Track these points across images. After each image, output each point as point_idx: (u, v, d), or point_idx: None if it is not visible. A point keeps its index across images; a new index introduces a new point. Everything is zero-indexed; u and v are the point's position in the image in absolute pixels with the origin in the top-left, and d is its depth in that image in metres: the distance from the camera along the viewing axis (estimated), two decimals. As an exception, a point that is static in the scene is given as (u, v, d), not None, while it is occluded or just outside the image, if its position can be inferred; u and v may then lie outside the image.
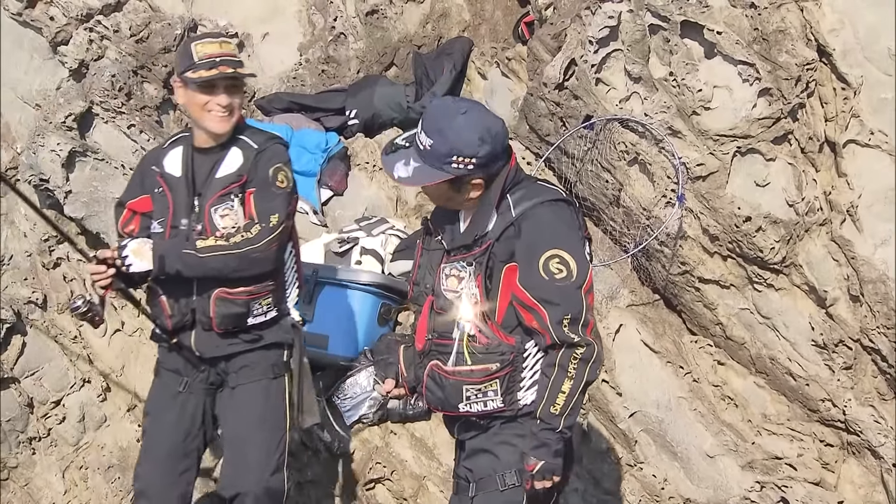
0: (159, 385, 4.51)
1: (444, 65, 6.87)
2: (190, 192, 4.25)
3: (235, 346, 4.34)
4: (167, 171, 4.30)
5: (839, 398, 5.23)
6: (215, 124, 4.21)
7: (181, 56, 4.23)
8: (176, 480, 4.40)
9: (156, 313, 4.34)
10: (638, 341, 5.59)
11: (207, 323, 4.27)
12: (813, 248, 5.24)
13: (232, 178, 4.24)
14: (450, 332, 3.54)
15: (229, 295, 4.23)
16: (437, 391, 3.59)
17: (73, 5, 6.22)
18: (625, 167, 5.52)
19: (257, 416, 4.38)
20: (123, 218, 4.40)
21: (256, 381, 4.38)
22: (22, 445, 5.89)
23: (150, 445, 4.46)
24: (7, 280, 6.14)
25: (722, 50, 5.18)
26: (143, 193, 4.36)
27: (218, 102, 4.17)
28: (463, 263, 3.52)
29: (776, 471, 5.33)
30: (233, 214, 4.23)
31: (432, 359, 3.59)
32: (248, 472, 4.33)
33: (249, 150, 4.27)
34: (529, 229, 3.44)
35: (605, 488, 5.51)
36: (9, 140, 6.54)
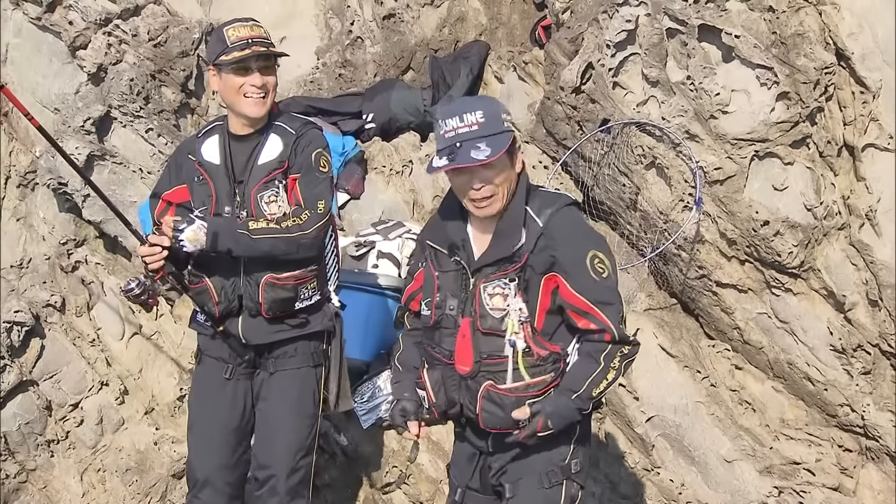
0: (203, 374, 4.54)
1: (461, 68, 6.87)
2: (231, 180, 4.29)
3: (282, 333, 4.39)
4: (206, 159, 4.32)
5: (858, 403, 5.21)
6: (251, 108, 4.23)
7: (214, 43, 4.26)
8: (235, 463, 4.51)
9: (202, 300, 4.33)
10: (655, 345, 5.57)
11: (256, 309, 4.31)
12: (831, 252, 5.22)
13: (274, 164, 4.28)
14: (500, 351, 3.51)
15: (278, 280, 4.28)
16: (496, 411, 3.54)
17: (92, 10, 6.25)
18: (642, 171, 5.51)
19: (293, 402, 4.47)
20: (159, 209, 4.42)
21: (296, 368, 4.46)
22: (40, 448, 5.92)
23: (203, 434, 4.49)
24: (26, 283, 6.18)
25: (740, 53, 5.17)
26: (180, 183, 4.37)
27: (252, 83, 4.20)
28: (505, 280, 3.49)
29: (794, 476, 5.31)
30: (279, 200, 4.27)
31: (483, 380, 3.53)
32: (280, 454, 4.43)
33: (288, 136, 4.31)
34: (563, 236, 3.46)
35: (622, 493, 5.50)
36: (28, 144, 6.57)
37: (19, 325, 5.90)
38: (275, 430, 4.46)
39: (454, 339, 3.56)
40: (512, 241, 3.47)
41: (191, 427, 4.56)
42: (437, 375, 3.63)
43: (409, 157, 6.63)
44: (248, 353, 4.42)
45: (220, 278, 4.28)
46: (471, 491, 3.81)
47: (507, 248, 3.47)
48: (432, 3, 7.24)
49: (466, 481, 3.80)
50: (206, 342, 4.50)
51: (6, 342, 5.82)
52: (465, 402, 3.59)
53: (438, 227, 3.63)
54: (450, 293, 3.56)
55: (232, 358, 4.45)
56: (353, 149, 6.62)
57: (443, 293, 3.57)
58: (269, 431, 4.48)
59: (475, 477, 3.78)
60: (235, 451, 4.51)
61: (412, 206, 6.48)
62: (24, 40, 6.54)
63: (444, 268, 3.59)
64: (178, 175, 4.39)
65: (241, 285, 4.29)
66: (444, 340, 3.59)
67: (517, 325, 3.49)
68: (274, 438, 4.46)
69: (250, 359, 4.45)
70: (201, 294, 4.32)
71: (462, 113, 3.38)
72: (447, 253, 3.58)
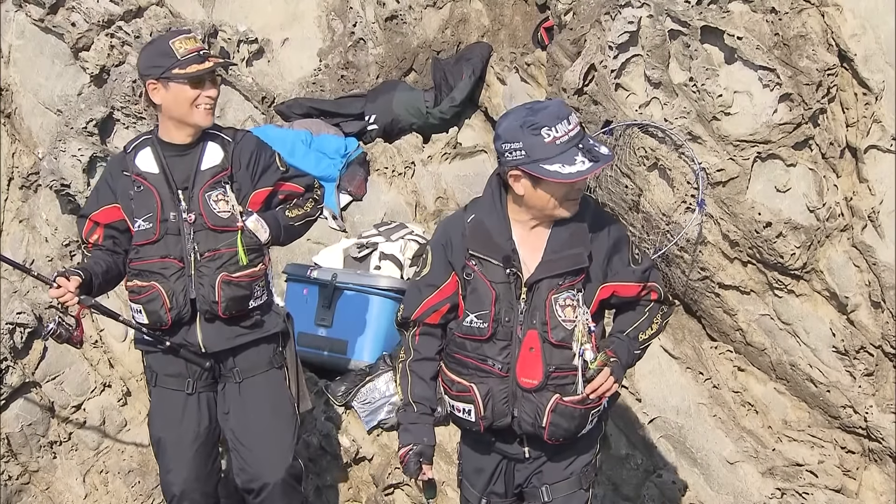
0: (162, 395, 4.52)
1: (464, 70, 6.88)
2: (172, 187, 4.32)
3: (242, 338, 4.42)
4: (143, 170, 4.34)
5: (860, 405, 5.20)
6: (203, 118, 4.31)
7: (159, 56, 4.24)
8: (208, 474, 4.55)
9: (152, 308, 4.31)
10: (657, 347, 5.57)
11: (211, 311, 4.32)
12: (834, 253, 5.21)
13: (218, 168, 4.35)
14: (568, 363, 3.50)
15: (233, 278, 4.31)
16: (565, 423, 3.53)
17: (95, 11, 6.27)
18: (644, 172, 5.51)
19: (269, 406, 4.50)
20: (86, 228, 4.43)
21: (262, 372, 4.50)
22: (43, 449, 5.92)
23: (174, 451, 4.49)
24: (28, 285, 6.18)
25: (742, 55, 5.17)
26: (108, 203, 4.38)
27: (208, 95, 4.28)
28: (573, 291, 3.49)
29: (797, 478, 5.31)
30: (226, 198, 4.33)
31: (550, 392, 3.51)
32: (271, 462, 4.45)
33: (226, 143, 4.39)
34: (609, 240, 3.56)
35: (625, 494, 5.50)
36: (30, 145, 6.58)
37: (22, 327, 5.90)
38: (259, 437, 4.46)
39: (509, 351, 3.51)
40: (582, 251, 3.48)
41: (158, 445, 4.55)
42: (485, 389, 3.55)
43: (412, 158, 6.64)
44: (207, 362, 4.41)
45: (169, 283, 4.29)
46: (494, 497, 3.79)
47: (579, 257, 3.48)
48: (434, 5, 7.25)
49: (490, 488, 3.78)
50: (159, 361, 4.48)
51: (9, 344, 5.83)
52: (522, 415, 3.54)
53: (481, 236, 3.54)
54: (506, 306, 3.50)
55: (191, 372, 4.44)
56: (356, 150, 6.64)
57: (500, 306, 3.50)
58: (253, 440, 4.47)
59: (499, 482, 3.76)
60: (207, 463, 4.54)
61: (414, 207, 6.49)
62: (27, 42, 6.56)
63: (496, 279, 3.51)
64: (107, 195, 4.39)
65: (192, 288, 4.30)
66: (500, 354, 3.52)
67: (587, 335, 3.50)
68: (261, 446, 4.46)
69: (210, 369, 4.44)
70: (151, 301, 4.30)
71: (567, 115, 3.36)
72: (501, 264, 3.50)
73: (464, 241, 3.56)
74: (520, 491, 3.79)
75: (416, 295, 3.67)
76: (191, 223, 4.28)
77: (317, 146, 6.51)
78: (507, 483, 3.76)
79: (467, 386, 3.58)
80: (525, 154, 3.33)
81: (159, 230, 4.29)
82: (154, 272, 4.29)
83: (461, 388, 3.60)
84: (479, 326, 3.53)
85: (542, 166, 3.32)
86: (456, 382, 3.62)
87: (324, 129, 6.72)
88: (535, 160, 3.32)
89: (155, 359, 4.49)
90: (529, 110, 3.40)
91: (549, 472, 3.69)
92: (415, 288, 3.70)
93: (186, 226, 4.28)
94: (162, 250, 4.29)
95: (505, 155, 3.40)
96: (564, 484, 3.68)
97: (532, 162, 3.33)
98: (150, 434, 4.61)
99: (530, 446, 3.66)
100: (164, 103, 4.28)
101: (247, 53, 6.69)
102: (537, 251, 3.51)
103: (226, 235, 4.32)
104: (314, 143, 6.52)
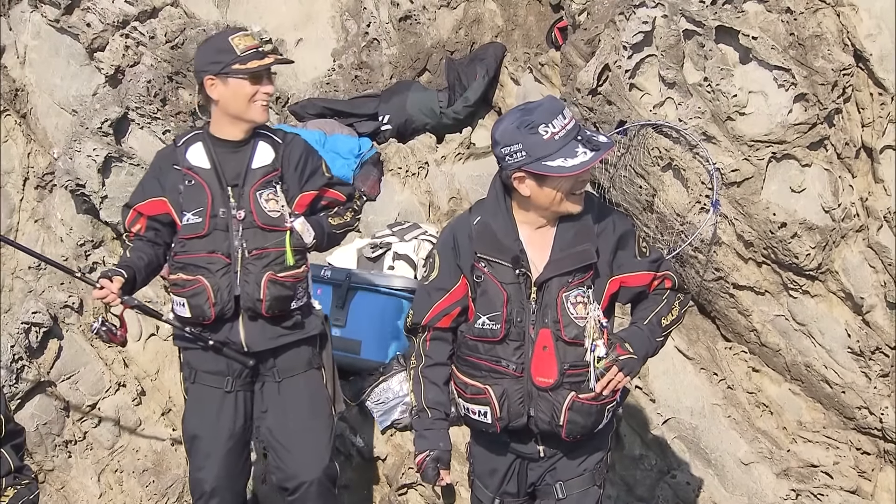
0: (199, 391, 4.54)
1: (477, 70, 6.88)
2: (222, 183, 4.35)
3: (284, 338, 4.46)
4: (195, 165, 4.38)
5: (876, 406, 5.18)
6: (261, 114, 4.36)
7: (219, 52, 4.30)
8: (239, 473, 4.60)
9: (196, 302, 4.34)
10: (672, 347, 5.56)
11: (255, 309, 4.35)
12: (849, 254, 5.20)
13: (268, 168, 4.39)
14: (581, 360, 3.51)
15: (279, 278, 4.35)
16: (582, 420, 3.54)
17: (110, 12, 6.29)
18: (658, 173, 5.50)
19: (308, 407, 4.55)
20: (129, 218, 4.48)
21: (301, 373, 4.55)
22: (58, 449, 5.95)
23: (208, 448, 4.51)
24: (44, 284, 6.21)
25: (757, 55, 5.15)
26: (156, 196, 4.41)
27: (265, 92, 4.33)
28: (583, 288, 3.50)
29: (812, 479, 5.29)
30: (276, 198, 4.38)
31: (566, 390, 3.52)
32: (310, 461, 4.51)
33: (276, 144, 4.44)
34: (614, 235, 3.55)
35: (639, 495, 5.49)
36: (46, 145, 6.61)
37: (37, 327, 5.93)
38: (297, 437, 4.51)
39: (522, 351, 3.52)
40: (588, 246, 3.49)
41: (192, 442, 4.56)
42: (500, 390, 3.56)
43: (426, 158, 6.64)
44: (251, 360, 4.44)
45: (215, 277, 4.32)
46: (507, 497, 3.80)
47: (587, 253, 3.49)
48: (448, 5, 7.25)
49: (503, 488, 3.78)
50: (198, 357, 4.50)
51: (24, 343, 5.85)
52: (539, 414, 3.55)
53: (488, 238, 3.54)
54: (517, 306, 3.50)
55: (231, 370, 4.47)
56: (369, 150, 6.64)
57: (512, 306, 3.50)
58: (291, 439, 4.52)
59: (512, 482, 3.77)
60: (239, 462, 4.58)
61: (428, 207, 6.49)
62: (43, 42, 6.59)
63: (505, 280, 3.51)
64: (155, 188, 4.43)
65: (237, 285, 4.33)
66: (513, 354, 3.53)
67: (598, 331, 3.52)
68: (299, 446, 4.51)
69: (251, 368, 4.47)
70: (196, 295, 4.33)
71: (561, 110, 3.38)
72: (510, 265, 3.51)
73: (471, 243, 3.56)
74: (532, 490, 3.81)
75: (426, 299, 3.67)
76: (240, 220, 4.32)
77: (330, 146, 6.51)
78: (521, 482, 3.77)
79: (482, 388, 3.58)
80: (526, 154, 3.35)
81: (208, 225, 4.32)
82: (200, 266, 4.32)
83: (476, 391, 3.60)
84: (491, 328, 3.53)
85: (544, 163, 3.34)
86: (470, 385, 3.62)
87: (337, 130, 6.73)
88: (536, 158, 3.34)
89: (194, 355, 4.52)
90: (523, 111, 3.42)
91: (562, 469, 3.70)
92: (424, 292, 3.69)
93: (235, 223, 4.32)
94: (209, 245, 4.33)
95: (506, 159, 3.41)
96: (578, 481, 3.70)
97: (534, 161, 3.35)
98: (184, 430, 4.62)
99: (545, 445, 3.66)
100: (222, 99, 4.32)
101: (261, 54, 6.69)
102: (545, 250, 3.52)
103: (274, 235, 4.36)
104: (328, 143, 6.53)
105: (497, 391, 3.56)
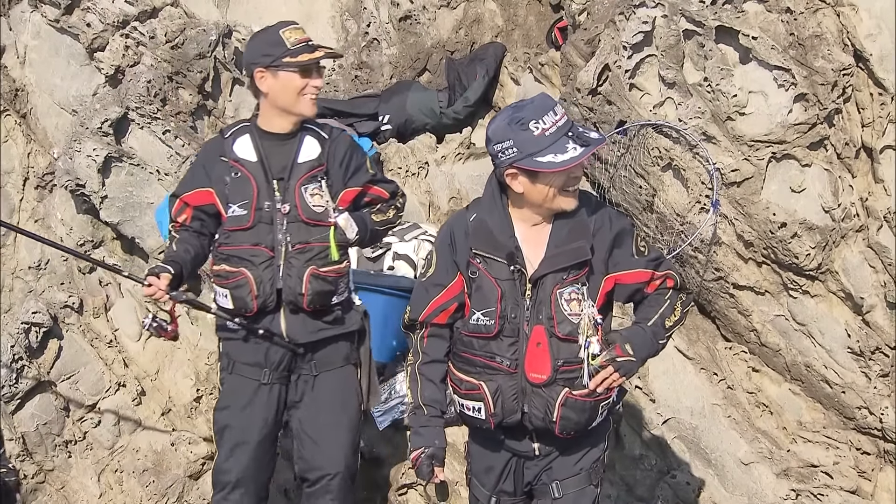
0: (236, 381, 4.55)
1: (477, 70, 6.87)
2: (268, 176, 4.38)
3: (324, 332, 4.49)
4: (241, 157, 4.40)
5: (876, 406, 5.19)
6: (309, 107, 4.40)
7: (268, 45, 4.34)
8: (266, 466, 4.61)
9: (238, 294, 4.36)
10: (672, 347, 5.56)
11: (296, 302, 4.37)
12: (849, 254, 5.20)
13: (314, 163, 4.42)
14: (575, 356, 3.52)
15: (321, 272, 4.37)
16: (576, 416, 3.55)
17: (110, 12, 6.28)
18: (658, 173, 5.50)
19: (340, 402, 4.58)
20: (176, 208, 4.50)
21: (337, 367, 4.58)
22: (58, 449, 5.95)
23: (238, 437, 4.52)
24: (44, 284, 6.21)
25: (757, 55, 5.16)
26: (202, 186, 4.44)
27: (315, 85, 4.38)
28: (578, 285, 3.50)
29: (812, 479, 5.29)
30: (321, 193, 4.41)
31: (559, 387, 3.52)
32: (336, 455, 4.56)
33: (322, 139, 4.47)
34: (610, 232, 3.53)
35: (638, 495, 5.49)
36: (46, 145, 6.61)
37: (37, 326, 5.93)
38: (327, 430, 4.55)
39: (516, 347, 3.52)
40: (583, 243, 3.49)
41: (223, 432, 4.57)
42: (494, 386, 3.57)
43: (426, 158, 6.64)
44: (298, 349, 4.47)
45: (258, 270, 4.34)
46: (504, 496, 3.80)
47: (581, 250, 3.49)
48: (448, 5, 7.25)
49: (500, 486, 3.79)
50: (237, 348, 4.52)
51: (24, 343, 5.85)
52: (532, 410, 3.55)
53: (484, 234, 3.56)
54: (512, 303, 3.52)
55: (269, 362, 4.49)
56: (370, 150, 6.63)
57: (506, 303, 3.52)
58: (320, 432, 4.55)
59: (509, 480, 3.77)
60: (267, 454, 4.59)
61: (428, 207, 6.49)
62: (43, 42, 6.58)
63: (500, 276, 3.53)
64: (201, 178, 4.46)
65: (279, 278, 4.35)
66: (507, 350, 3.54)
67: (593, 328, 3.52)
68: (327, 439, 4.55)
69: (289, 361, 4.50)
70: (239, 287, 4.36)
71: (552, 107, 3.39)
72: (505, 262, 3.52)
73: (467, 239, 3.58)
74: (529, 489, 3.81)
75: (423, 295, 3.69)
76: (284, 214, 4.34)
77: (331, 146, 6.50)
78: (517, 481, 3.77)
79: (476, 384, 3.59)
80: (517, 151, 3.37)
81: (253, 218, 4.34)
82: (243, 259, 4.35)
83: (470, 387, 3.61)
84: (485, 324, 3.54)
85: (535, 159, 3.36)
86: (465, 381, 3.63)
87: (337, 130, 6.73)
88: (527, 154, 3.36)
89: (234, 346, 4.54)
90: (514, 108, 3.44)
91: (558, 468, 3.70)
92: (421, 289, 3.71)
93: (280, 216, 4.34)
94: (253, 238, 4.35)
95: (498, 156, 3.44)
96: (574, 480, 3.70)
97: (525, 157, 3.37)
98: (216, 419, 4.62)
99: (540, 442, 3.67)
100: (272, 92, 4.34)
101: (261, 54, 6.69)
102: (540, 247, 3.53)
103: (318, 230, 4.38)
104: (328, 143, 6.52)
105: (491, 387, 3.57)
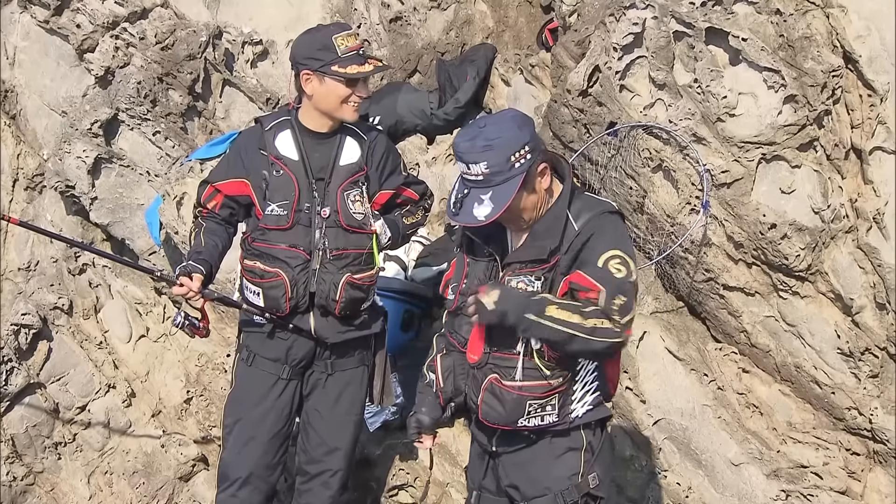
0: (253, 374, 4.54)
1: (468, 71, 6.87)
2: (310, 177, 4.34)
3: (350, 333, 4.50)
4: (283, 154, 4.35)
5: (865, 406, 5.20)
6: (350, 115, 4.33)
7: (320, 49, 4.23)
8: (276, 464, 4.60)
9: (272, 295, 4.35)
10: (662, 349, 5.57)
11: (329, 307, 4.38)
12: (839, 255, 5.21)
13: (355, 167, 4.39)
14: (511, 346, 3.50)
15: (356, 280, 4.38)
16: (496, 406, 3.55)
17: (100, 13, 6.26)
18: (649, 174, 5.50)
19: (348, 403, 4.61)
20: (206, 194, 4.46)
21: (353, 368, 4.60)
22: (48, 450, 5.93)
23: (250, 432, 4.52)
24: (33, 286, 6.19)
25: (747, 56, 5.17)
26: (238, 177, 4.40)
27: (359, 95, 4.30)
28: (531, 277, 3.47)
29: (802, 479, 5.30)
30: (362, 199, 4.39)
31: (489, 372, 3.54)
32: (337, 452, 4.60)
33: (362, 141, 4.43)
34: (594, 239, 3.45)
35: (629, 496, 5.50)
36: (35, 147, 6.59)
37: (27, 328, 5.91)
38: (333, 428, 4.59)
39: (471, 326, 3.55)
40: (548, 245, 3.46)
41: (234, 426, 4.56)
42: (449, 362, 3.66)
43: (416, 159, 6.64)
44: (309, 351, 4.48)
45: (293, 272, 4.32)
46: (486, 492, 3.82)
47: (542, 250, 3.46)
48: (439, 6, 7.25)
49: (480, 481, 3.82)
50: (259, 342, 4.52)
51: (14, 345, 5.83)
52: (469, 392, 3.61)
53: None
54: (477, 281, 3.55)
55: (289, 358, 4.49)
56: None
57: (469, 280, 3.58)
58: (326, 429, 4.59)
59: (489, 477, 3.79)
60: (278, 452, 4.59)
61: (419, 208, 6.48)
62: (32, 43, 6.57)
63: (476, 256, 3.60)
64: (238, 169, 4.41)
65: (313, 282, 4.34)
66: (462, 328, 3.61)
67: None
68: (332, 436, 4.59)
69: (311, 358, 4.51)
70: (274, 288, 4.34)
71: (469, 162, 3.35)
72: (482, 242, 3.57)
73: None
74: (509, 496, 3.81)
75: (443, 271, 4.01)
76: (324, 218, 4.32)
77: (321, 147, 6.50)
78: (497, 480, 3.78)
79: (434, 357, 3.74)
80: None
81: (293, 219, 4.32)
82: (279, 259, 4.33)
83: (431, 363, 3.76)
84: (450, 298, 3.66)
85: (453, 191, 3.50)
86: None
87: (328, 131, 6.72)
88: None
89: (255, 340, 4.53)
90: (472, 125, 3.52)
91: (526, 488, 3.69)
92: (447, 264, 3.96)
93: (319, 219, 4.32)
94: (291, 239, 4.32)
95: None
96: (542, 501, 3.66)
97: None
98: (228, 413, 4.61)
99: (497, 440, 3.70)
100: (316, 95, 4.29)
101: (251, 55, 6.68)
102: (522, 240, 3.56)
103: (355, 237, 4.38)
104: (319, 144, 6.52)
105: (445, 362, 3.68)
